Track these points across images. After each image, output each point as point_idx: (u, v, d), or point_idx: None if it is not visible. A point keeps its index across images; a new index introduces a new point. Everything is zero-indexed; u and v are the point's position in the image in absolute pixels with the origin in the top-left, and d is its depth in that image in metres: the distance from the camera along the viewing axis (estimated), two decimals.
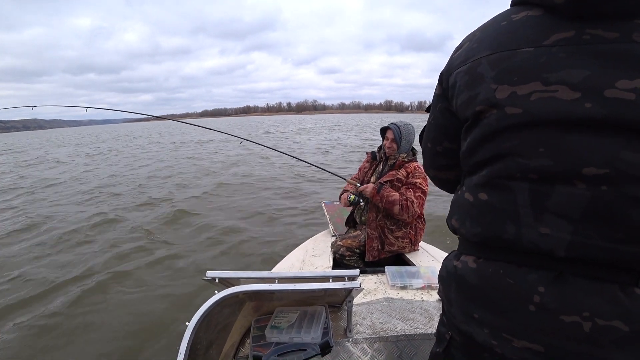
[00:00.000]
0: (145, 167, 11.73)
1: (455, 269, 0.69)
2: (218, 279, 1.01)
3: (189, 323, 0.91)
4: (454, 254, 0.74)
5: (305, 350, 1.20)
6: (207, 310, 0.91)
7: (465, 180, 0.71)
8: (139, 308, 3.10)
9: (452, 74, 0.69)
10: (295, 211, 5.99)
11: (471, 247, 0.68)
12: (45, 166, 13.81)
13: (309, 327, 1.24)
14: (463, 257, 0.69)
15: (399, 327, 1.41)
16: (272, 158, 12.34)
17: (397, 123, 2.29)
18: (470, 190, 0.68)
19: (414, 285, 1.82)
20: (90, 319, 2.96)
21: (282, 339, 1.23)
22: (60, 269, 3.92)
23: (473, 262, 0.66)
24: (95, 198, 7.44)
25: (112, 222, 5.59)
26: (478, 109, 0.63)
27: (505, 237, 0.60)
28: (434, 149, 0.82)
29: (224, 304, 1.05)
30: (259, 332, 1.31)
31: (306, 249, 2.61)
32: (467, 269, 0.67)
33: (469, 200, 0.68)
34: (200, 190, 7.82)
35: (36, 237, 5.01)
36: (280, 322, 1.29)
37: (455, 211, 0.73)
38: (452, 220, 0.73)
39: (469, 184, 0.69)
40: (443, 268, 0.75)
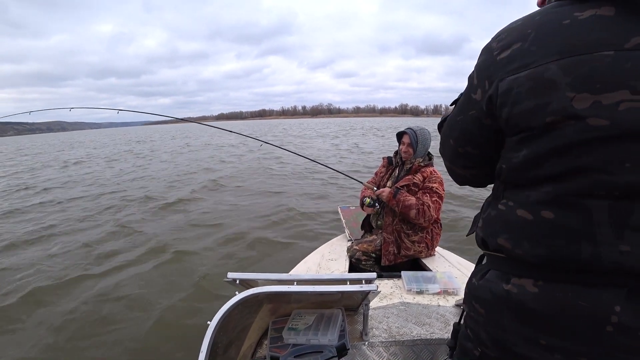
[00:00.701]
0: (165, 170, 11.97)
1: (507, 293, 0.63)
2: (239, 280, 1.04)
3: (211, 322, 0.95)
4: (496, 275, 0.68)
5: (322, 352, 1.22)
6: (229, 310, 0.94)
7: (515, 194, 0.65)
8: (159, 307, 3.17)
9: (505, 80, 0.61)
10: (312, 215, 6.02)
11: (527, 269, 0.63)
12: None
13: (325, 330, 1.26)
14: (515, 280, 0.64)
15: (415, 331, 1.42)
16: (286, 160, 12.44)
17: (413, 128, 2.29)
18: (528, 207, 0.61)
19: (430, 290, 1.81)
20: (110, 316, 3.05)
21: (299, 340, 1.25)
22: (80, 263, 4.04)
23: (533, 286, 0.61)
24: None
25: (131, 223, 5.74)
26: (549, 120, 0.56)
27: (579, 258, 0.56)
28: (455, 148, 0.78)
29: (244, 305, 1.08)
30: (276, 334, 1.34)
31: (322, 253, 2.63)
32: (527, 293, 0.61)
33: (526, 218, 0.61)
34: (217, 192, 7.95)
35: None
36: (298, 324, 1.31)
37: (502, 229, 0.66)
38: (497, 239, 0.66)
39: (525, 200, 0.62)
40: (484, 290, 0.69)
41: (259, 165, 12.32)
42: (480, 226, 0.74)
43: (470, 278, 0.77)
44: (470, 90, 0.70)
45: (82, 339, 2.76)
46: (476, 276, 0.74)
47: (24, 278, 3.84)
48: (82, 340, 2.75)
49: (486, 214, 0.72)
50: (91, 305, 3.23)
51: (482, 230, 0.73)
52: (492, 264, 0.71)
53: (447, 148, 0.82)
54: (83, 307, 3.21)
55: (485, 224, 0.72)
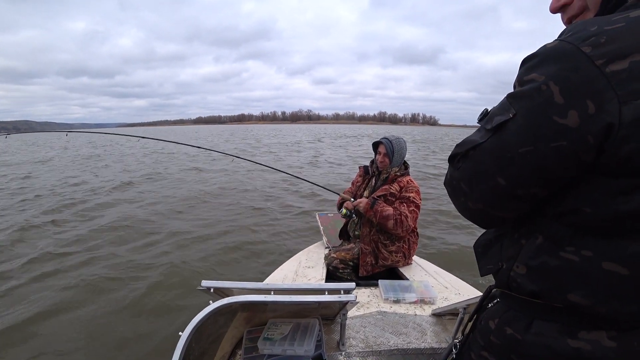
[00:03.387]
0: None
1: (578, 351, 0.55)
2: (213, 288, 1.00)
3: (183, 333, 0.90)
4: (553, 328, 0.58)
5: None
6: (202, 320, 0.90)
7: (597, 243, 0.54)
8: (130, 316, 3.05)
9: (631, 104, 0.46)
10: (289, 222, 5.97)
11: (597, 319, 0.55)
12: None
13: (302, 340, 1.23)
14: (584, 334, 0.55)
15: (392, 341, 1.41)
16: (265, 171, 12.32)
17: (388, 137, 2.31)
18: (622, 260, 0.52)
19: (407, 300, 1.82)
20: (77, 326, 2.90)
21: (275, 351, 1.22)
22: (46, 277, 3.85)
23: (609, 340, 0.54)
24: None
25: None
26: None
27: None
28: (510, 190, 0.59)
29: (218, 314, 1.04)
30: (251, 344, 1.30)
31: (299, 261, 2.60)
32: (604, 349, 0.54)
33: (620, 273, 0.52)
34: (192, 200, 7.78)
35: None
36: (273, 334, 1.28)
37: (576, 284, 0.55)
38: (566, 295, 0.56)
39: (616, 252, 0.52)
40: (537, 347, 0.59)
41: (236, 174, 12.16)
42: (522, 273, 0.63)
43: (502, 327, 0.66)
44: (547, 111, 0.51)
45: (43, 347, 2.61)
46: (512, 326, 0.63)
47: None
48: (42, 347, 2.60)
49: (537, 262, 0.60)
50: (53, 320, 3.07)
51: (531, 281, 0.61)
52: (537, 312, 0.61)
53: (489, 188, 0.61)
54: (50, 316, 3.05)
55: (537, 274, 0.60)
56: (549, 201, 0.59)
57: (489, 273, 0.71)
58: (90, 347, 2.62)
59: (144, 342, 2.65)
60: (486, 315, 0.71)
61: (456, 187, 0.68)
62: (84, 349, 2.60)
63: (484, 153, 0.60)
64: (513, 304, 0.65)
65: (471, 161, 0.63)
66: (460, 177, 0.66)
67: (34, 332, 2.81)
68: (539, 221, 0.61)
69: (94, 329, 2.84)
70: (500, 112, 0.59)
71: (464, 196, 0.67)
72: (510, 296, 0.66)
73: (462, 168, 0.65)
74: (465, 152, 0.64)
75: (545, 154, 0.53)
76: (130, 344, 2.64)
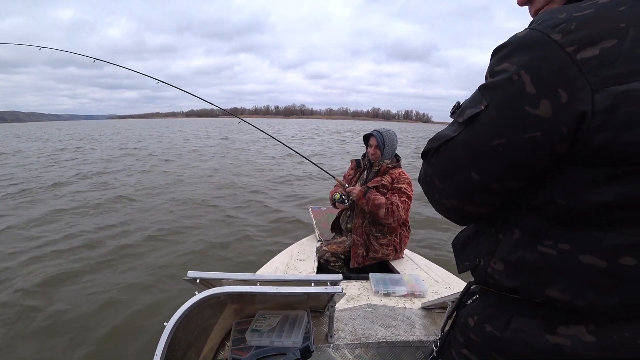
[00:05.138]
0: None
1: (558, 347, 0.53)
2: (199, 279, 0.99)
3: (167, 323, 0.90)
4: (532, 324, 0.57)
5: (286, 355, 1.18)
6: (187, 311, 0.90)
7: (574, 236, 0.53)
8: (119, 306, 3.05)
9: (604, 92, 0.45)
10: (282, 215, 5.97)
11: (576, 314, 0.54)
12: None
13: (290, 332, 1.23)
14: (563, 329, 0.54)
15: (381, 333, 1.41)
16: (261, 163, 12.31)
17: (379, 130, 2.32)
18: (599, 252, 0.51)
19: (397, 293, 1.82)
20: (63, 316, 2.89)
21: (263, 342, 1.21)
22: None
23: (588, 334, 0.52)
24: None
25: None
26: None
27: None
28: (484, 184, 0.57)
29: (205, 305, 1.03)
30: (239, 335, 1.30)
31: (291, 253, 2.60)
32: (583, 344, 0.52)
33: (597, 266, 0.51)
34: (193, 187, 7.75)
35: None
36: (262, 326, 1.27)
37: (554, 279, 0.54)
38: (544, 291, 0.55)
39: (593, 244, 0.51)
40: (515, 344, 0.57)
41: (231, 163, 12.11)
42: (500, 269, 0.61)
43: (481, 324, 0.64)
44: (519, 101, 0.50)
45: (34, 337, 2.60)
46: (491, 323, 0.62)
47: None
48: (34, 337, 2.59)
49: (514, 257, 0.59)
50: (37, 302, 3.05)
51: (509, 277, 0.59)
52: (516, 308, 0.59)
53: (463, 183, 0.60)
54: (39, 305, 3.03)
55: (514, 269, 0.59)
56: (524, 194, 0.57)
57: (467, 270, 0.70)
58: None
59: (135, 335, 2.65)
60: (465, 312, 0.70)
61: (430, 184, 0.66)
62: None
63: (456, 147, 0.59)
64: (492, 301, 0.64)
65: (444, 156, 0.61)
66: (433, 172, 0.64)
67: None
68: (515, 215, 0.60)
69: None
70: (472, 104, 0.57)
71: (438, 192, 0.65)
72: (489, 292, 0.65)
73: (434, 163, 0.64)
74: (438, 147, 0.62)
75: (518, 146, 0.51)
76: (121, 336, 2.64)
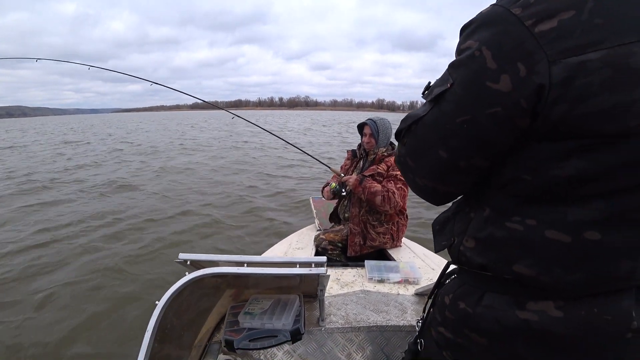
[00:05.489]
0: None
1: (526, 323, 0.55)
2: (190, 261, 1.03)
3: (159, 302, 0.93)
4: (502, 300, 0.58)
5: (277, 337, 1.22)
6: (178, 290, 0.93)
7: (540, 211, 0.53)
8: (115, 289, 3.17)
9: (560, 63, 0.44)
10: (283, 205, 6.02)
11: (544, 290, 0.54)
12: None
13: (280, 314, 1.26)
14: (532, 305, 0.55)
15: (372, 318, 1.44)
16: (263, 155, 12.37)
17: (373, 118, 2.34)
18: (564, 227, 0.51)
19: (391, 279, 1.84)
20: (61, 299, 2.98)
21: (255, 324, 1.24)
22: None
23: (556, 310, 0.53)
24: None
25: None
26: (633, 124, 0.44)
27: (617, 276, 0.51)
28: (453, 163, 0.58)
29: (197, 287, 1.06)
30: (233, 318, 1.33)
31: (290, 242, 2.64)
32: (551, 319, 0.53)
33: (562, 241, 0.51)
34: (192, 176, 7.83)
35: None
36: (254, 309, 1.31)
37: (521, 255, 0.55)
38: (512, 267, 0.55)
39: (559, 219, 0.51)
40: (486, 320, 0.58)
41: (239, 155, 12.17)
42: (471, 247, 0.62)
43: (455, 301, 0.65)
44: (481, 77, 0.50)
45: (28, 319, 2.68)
46: (465, 300, 0.63)
47: None
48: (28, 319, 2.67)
49: (484, 234, 0.59)
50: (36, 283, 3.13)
51: (479, 254, 0.60)
52: (488, 285, 0.60)
53: (432, 162, 0.60)
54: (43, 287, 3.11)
55: (483, 246, 0.60)
56: (493, 172, 0.58)
57: (443, 249, 0.71)
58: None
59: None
60: (443, 292, 0.71)
61: (404, 164, 0.67)
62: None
63: (425, 126, 0.59)
64: (467, 279, 0.65)
65: (414, 136, 0.62)
66: (406, 152, 0.65)
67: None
68: (485, 193, 0.60)
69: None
70: (440, 82, 0.57)
71: (411, 172, 0.65)
72: (464, 271, 0.66)
73: (407, 143, 0.64)
74: (409, 126, 0.62)
75: (481, 122, 0.52)
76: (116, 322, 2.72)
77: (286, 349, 1.29)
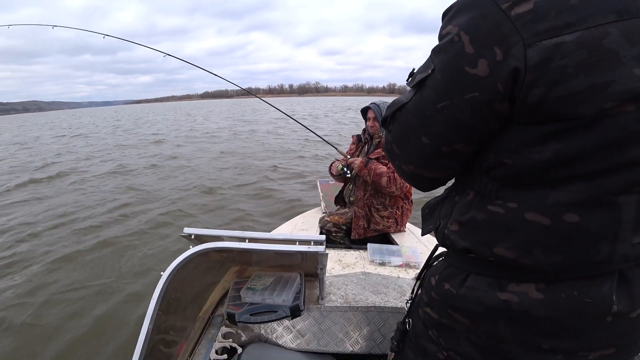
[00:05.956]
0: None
1: (506, 304, 0.56)
2: (194, 235, 1.06)
3: (164, 273, 0.97)
4: (484, 282, 0.59)
5: (276, 312, 1.26)
6: (182, 263, 0.96)
7: (520, 194, 0.54)
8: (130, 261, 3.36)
9: (536, 46, 0.44)
10: (291, 187, 6.08)
11: (526, 272, 0.56)
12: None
13: (281, 291, 1.30)
14: (513, 286, 0.56)
15: (371, 299, 1.47)
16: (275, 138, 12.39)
17: (376, 102, 2.33)
18: (543, 210, 0.51)
19: (392, 263, 1.87)
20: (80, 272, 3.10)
21: (256, 299, 1.29)
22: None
23: (537, 292, 0.54)
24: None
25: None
26: (607, 106, 0.44)
27: (597, 259, 0.51)
28: (434, 147, 0.58)
29: (202, 261, 1.10)
30: (235, 293, 1.38)
31: (295, 224, 2.67)
32: (531, 301, 0.54)
33: (541, 223, 0.52)
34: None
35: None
36: (256, 285, 1.35)
37: (501, 237, 0.55)
38: (493, 249, 0.56)
39: (538, 202, 0.52)
40: (469, 301, 0.60)
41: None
42: (455, 230, 0.63)
43: (440, 282, 0.67)
44: (460, 62, 0.50)
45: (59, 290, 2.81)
46: (449, 281, 0.64)
47: None
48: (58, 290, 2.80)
49: (467, 217, 0.60)
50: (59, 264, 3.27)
51: (462, 237, 0.61)
52: (472, 267, 0.61)
53: (416, 148, 0.61)
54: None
55: (466, 229, 0.61)
56: (476, 157, 0.59)
57: (429, 232, 0.73)
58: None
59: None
60: (430, 273, 0.73)
61: (390, 151, 0.68)
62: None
63: (408, 113, 0.60)
64: (453, 261, 0.66)
65: (398, 122, 0.63)
66: (392, 139, 0.66)
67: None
68: (469, 177, 0.61)
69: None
70: (422, 69, 0.58)
71: (398, 159, 0.66)
72: (450, 253, 0.68)
73: (392, 131, 0.65)
74: (393, 114, 0.63)
75: (461, 107, 0.52)
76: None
77: (286, 325, 1.34)
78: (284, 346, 1.31)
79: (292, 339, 1.33)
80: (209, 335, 1.34)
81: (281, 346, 1.32)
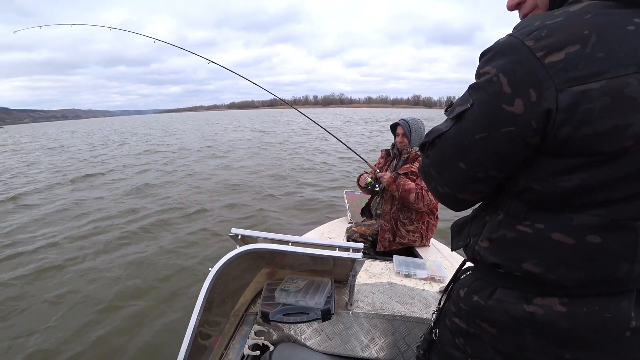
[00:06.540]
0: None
1: (531, 315, 0.61)
2: (241, 235, 1.14)
3: (212, 268, 1.06)
4: (512, 294, 0.65)
5: (308, 314, 1.33)
6: (230, 260, 1.05)
7: (548, 217, 0.60)
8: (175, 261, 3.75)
9: (566, 91, 0.51)
10: (319, 197, 6.18)
11: (550, 287, 0.61)
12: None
13: (314, 294, 1.37)
14: (538, 300, 0.62)
15: (397, 308, 1.51)
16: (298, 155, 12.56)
17: (405, 119, 2.39)
18: (568, 231, 0.57)
19: (417, 275, 1.91)
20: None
21: (289, 301, 1.36)
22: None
23: (560, 305, 0.60)
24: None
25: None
26: (627, 144, 0.50)
27: (616, 277, 0.57)
28: (472, 174, 0.65)
29: (243, 260, 1.18)
30: (269, 294, 1.46)
31: (322, 231, 2.75)
32: (554, 313, 0.60)
33: (566, 243, 0.58)
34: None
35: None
36: (289, 287, 1.43)
37: (529, 254, 0.61)
38: (521, 265, 0.62)
39: (564, 224, 0.58)
40: (496, 312, 0.66)
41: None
42: (485, 247, 0.69)
43: (469, 295, 0.72)
44: (498, 100, 0.57)
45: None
46: (478, 293, 0.70)
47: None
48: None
49: (497, 235, 0.67)
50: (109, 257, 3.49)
51: (492, 253, 0.67)
52: (500, 281, 0.67)
53: (453, 173, 0.68)
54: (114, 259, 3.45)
55: (496, 246, 0.67)
56: (508, 182, 0.65)
57: (459, 248, 0.79)
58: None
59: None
60: (458, 285, 0.79)
61: (427, 173, 0.75)
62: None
63: (447, 141, 0.67)
64: (480, 274, 0.72)
65: (437, 149, 0.69)
66: (429, 163, 0.73)
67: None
68: (501, 200, 0.68)
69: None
70: (461, 102, 0.65)
71: (434, 181, 0.73)
72: (478, 267, 0.74)
73: (430, 155, 0.72)
74: (432, 140, 0.70)
75: (497, 139, 0.59)
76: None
77: (315, 327, 1.40)
78: (312, 347, 1.38)
79: (320, 342, 1.39)
80: (242, 331, 1.42)
81: (309, 347, 1.38)
